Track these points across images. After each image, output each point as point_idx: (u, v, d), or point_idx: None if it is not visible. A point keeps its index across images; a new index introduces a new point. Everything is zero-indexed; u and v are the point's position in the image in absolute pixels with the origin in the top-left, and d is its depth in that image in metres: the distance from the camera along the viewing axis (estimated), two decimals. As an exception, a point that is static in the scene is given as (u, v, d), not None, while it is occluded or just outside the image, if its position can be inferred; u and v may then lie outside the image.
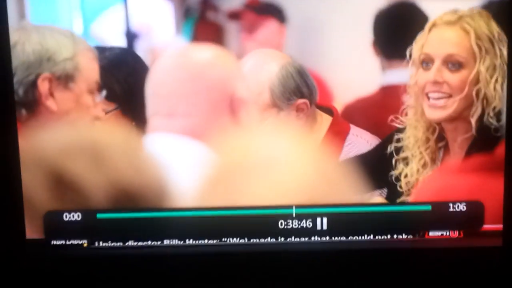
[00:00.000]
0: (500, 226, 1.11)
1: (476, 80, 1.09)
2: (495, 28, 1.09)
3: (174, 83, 1.13)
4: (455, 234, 1.13)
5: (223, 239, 1.11)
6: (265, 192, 1.05)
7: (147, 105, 1.14)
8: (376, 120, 1.18)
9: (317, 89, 1.17)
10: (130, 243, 1.10)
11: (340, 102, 1.19)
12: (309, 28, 1.17)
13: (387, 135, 1.18)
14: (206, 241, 1.10)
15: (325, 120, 1.20)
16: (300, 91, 1.16)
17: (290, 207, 1.09)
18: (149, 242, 1.10)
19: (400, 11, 1.14)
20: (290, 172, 1.05)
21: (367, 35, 1.15)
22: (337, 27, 1.15)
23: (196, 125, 1.13)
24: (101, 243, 1.09)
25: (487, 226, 1.12)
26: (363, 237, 1.12)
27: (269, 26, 1.19)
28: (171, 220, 1.08)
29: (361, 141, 1.18)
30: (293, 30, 1.17)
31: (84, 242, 1.09)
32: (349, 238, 1.12)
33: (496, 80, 1.10)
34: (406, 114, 1.16)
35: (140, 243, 1.10)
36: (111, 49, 1.16)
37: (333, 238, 1.12)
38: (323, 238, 1.11)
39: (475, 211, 1.11)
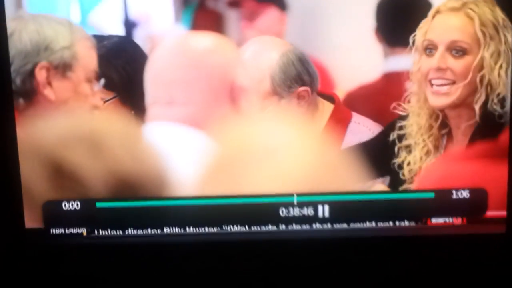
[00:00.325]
0: (503, 213, 1.11)
1: (480, 67, 1.09)
2: (500, 14, 1.08)
3: (173, 71, 1.13)
4: (458, 221, 1.13)
5: (223, 227, 1.11)
6: (266, 181, 1.05)
7: (146, 93, 1.14)
8: (379, 108, 1.18)
9: (319, 76, 1.17)
10: (130, 231, 1.10)
11: (342, 90, 1.19)
12: (310, 15, 1.16)
13: (390, 123, 1.17)
14: (206, 229, 1.11)
15: (326, 107, 1.19)
16: (301, 78, 1.16)
17: (291, 195, 1.09)
18: (149, 231, 1.10)
19: (403, -3, 1.14)
20: (292, 160, 1.05)
21: (370, 22, 1.14)
22: (338, 14, 1.14)
23: (196, 113, 1.13)
24: (100, 231, 1.10)
25: (490, 213, 1.12)
26: (365, 224, 1.12)
27: (270, 14, 1.19)
28: (170, 208, 1.09)
29: (363, 128, 1.18)
30: (294, 18, 1.17)
31: (83, 231, 1.09)
32: (351, 225, 1.12)
33: (501, 66, 1.09)
34: (409, 101, 1.15)
35: (139, 232, 1.10)
36: (109, 37, 1.16)
37: (334, 225, 1.12)
38: (325, 226, 1.11)
39: (479, 198, 1.11)
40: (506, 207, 1.11)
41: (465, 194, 1.11)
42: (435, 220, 1.13)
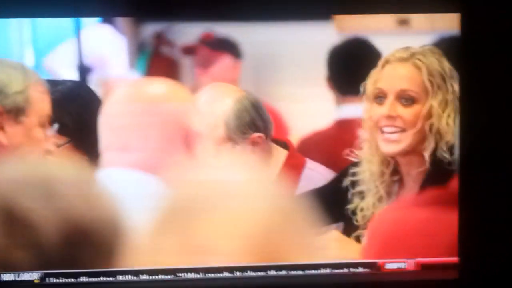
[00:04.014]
0: (455, 259, 1.19)
1: (429, 115, 1.17)
2: (446, 64, 1.18)
3: (127, 117, 1.17)
4: (411, 267, 1.21)
5: (178, 275, 1.15)
6: (220, 227, 1.10)
7: (100, 139, 1.17)
8: (332, 154, 1.24)
9: (272, 123, 1.23)
10: (83, 279, 1.13)
11: (295, 136, 1.25)
12: (264, 63, 1.22)
13: (343, 169, 1.24)
14: (160, 276, 1.15)
15: (280, 154, 1.25)
16: (255, 124, 1.21)
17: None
18: (102, 279, 1.14)
19: (354, 47, 1.22)
20: (246, 207, 1.10)
21: (322, 70, 1.21)
22: (291, 62, 1.21)
23: (150, 159, 1.17)
24: (52, 279, 1.12)
25: (443, 259, 1.20)
26: (320, 271, 1.18)
27: (224, 61, 1.25)
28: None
29: (317, 175, 1.24)
30: (248, 65, 1.22)
31: (35, 278, 1.12)
32: (306, 272, 1.18)
33: (449, 115, 1.18)
34: (361, 148, 1.22)
35: (92, 279, 1.13)
36: (63, 82, 1.20)
37: (290, 272, 1.18)
38: (280, 273, 1.18)
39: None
40: (457, 253, 1.19)
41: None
42: (389, 266, 1.21)
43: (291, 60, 1.21)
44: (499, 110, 1.19)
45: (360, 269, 1.20)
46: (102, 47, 1.21)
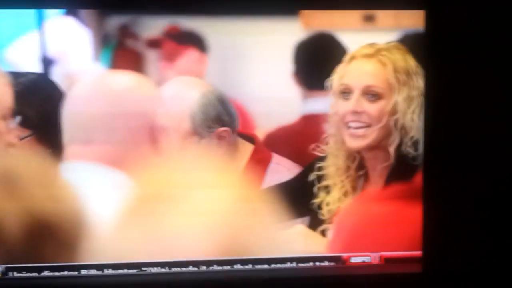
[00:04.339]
0: (419, 253, 1.21)
1: (394, 111, 1.19)
2: (411, 61, 1.19)
3: (91, 110, 1.16)
4: (376, 261, 1.23)
5: (143, 269, 1.15)
6: (185, 222, 1.10)
7: (64, 132, 1.17)
8: (298, 149, 1.24)
9: (238, 117, 1.22)
10: (46, 273, 1.12)
11: (261, 131, 1.25)
12: (231, 57, 1.22)
13: (309, 164, 1.25)
14: (125, 271, 1.15)
15: (246, 148, 1.25)
16: (221, 119, 1.21)
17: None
18: (66, 273, 1.13)
19: (320, 43, 1.23)
20: (212, 201, 1.11)
21: (288, 65, 1.22)
22: (258, 56, 1.21)
23: (114, 153, 1.16)
24: (15, 273, 1.12)
25: (407, 253, 1.22)
26: (285, 265, 1.19)
27: (190, 55, 1.24)
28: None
29: (283, 169, 1.24)
30: (214, 59, 1.22)
31: (-2, 272, 1.09)
32: (272, 266, 1.19)
33: (413, 111, 1.19)
34: (327, 143, 1.23)
35: (56, 273, 1.12)
36: (26, 74, 1.18)
37: (256, 266, 1.19)
38: (246, 266, 1.18)
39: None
40: (421, 247, 1.21)
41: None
42: (354, 260, 1.23)
43: (257, 54, 1.21)
44: (463, 106, 1.21)
45: (326, 263, 1.21)
46: (66, 39, 1.20)
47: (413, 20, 1.19)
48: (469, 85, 1.20)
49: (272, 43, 1.20)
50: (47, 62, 1.17)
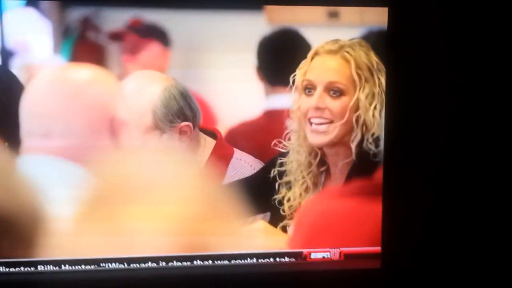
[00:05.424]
0: (378, 249, 1.22)
1: (356, 107, 1.19)
2: (374, 58, 1.20)
3: (50, 103, 1.15)
4: (336, 256, 1.24)
5: (101, 265, 1.14)
6: (145, 217, 1.09)
7: (22, 125, 1.15)
8: (260, 144, 1.25)
9: (201, 112, 1.22)
10: (1, 269, 1.11)
11: (224, 126, 1.25)
12: (194, 52, 1.21)
13: (271, 159, 1.25)
14: (82, 267, 1.14)
15: (208, 143, 1.25)
16: (183, 113, 1.21)
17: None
18: (22, 269, 1.12)
19: (284, 38, 1.23)
20: (173, 196, 1.10)
21: (252, 61, 1.22)
22: (221, 51, 1.21)
23: (73, 146, 1.15)
24: (-32, 269, 1.08)
25: (366, 249, 1.23)
26: (246, 261, 1.20)
27: (152, 49, 1.23)
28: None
29: (245, 165, 1.25)
30: (177, 53, 1.21)
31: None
32: (232, 262, 1.19)
33: (375, 108, 1.20)
34: (289, 139, 1.24)
35: (12, 270, 1.11)
36: None
37: (216, 262, 1.19)
38: (206, 262, 1.18)
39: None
40: (381, 243, 1.22)
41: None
42: (314, 256, 1.23)
43: (221, 49, 1.21)
44: (424, 103, 1.22)
45: (286, 259, 1.22)
46: (26, 31, 1.18)
47: (377, 17, 1.20)
48: (431, 82, 1.22)
49: (236, 38, 1.20)
50: (6, 54, 1.15)
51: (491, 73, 1.21)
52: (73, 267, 1.14)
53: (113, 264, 1.15)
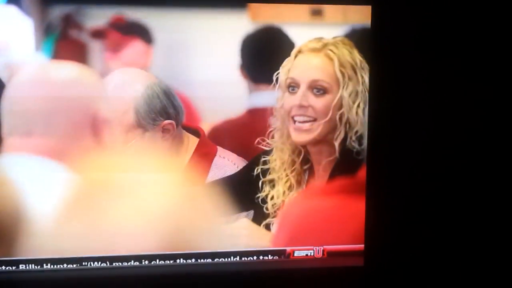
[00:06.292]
0: (361, 246, 1.23)
1: (340, 105, 1.20)
2: (357, 56, 1.20)
3: (32, 101, 1.14)
4: (319, 254, 1.24)
5: (83, 264, 1.14)
6: (128, 215, 1.09)
7: (3, 123, 1.14)
8: (243, 142, 1.25)
9: (184, 110, 1.22)
10: None
11: (207, 124, 1.25)
12: (176, 50, 1.21)
13: (254, 157, 1.25)
14: (65, 266, 1.14)
15: (191, 141, 1.24)
16: (166, 111, 1.20)
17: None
18: (3, 268, 1.11)
19: (267, 36, 1.23)
20: (155, 194, 1.10)
21: (235, 58, 1.22)
22: (204, 49, 1.21)
23: (55, 145, 1.14)
24: None
25: (349, 246, 1.24)
26: (229, 259, 1.20)
27: (135, 47, 1.23)
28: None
29: (228, 163, 1.24)
30: (160, 51, 1.21)
31: None
32: (215, 260, 1.19)
33: (358, 106, 1.21)
34: (272, 137, 1.24)
35: None
36: None
37: (199, 260, 1.19)
38: (189, 261, 1.18)
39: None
40: (364, 240, 1.23)
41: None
42: (297, 254, 1.24)
43: (204, 47, 1.21)
44: (407, 101, 1.22)
45: (270, 257, 1.22)
46: (7, 28, 1.17)
47: (360, 15, 1.20)
48: (414, 80, 1.22)
49: (219, 36, 1.20)
50: (-14, 51, 1.13)
51: (475, 71, 1.21)
52: (55, 266, 1.13)
53: (96, 263, 1.15)
